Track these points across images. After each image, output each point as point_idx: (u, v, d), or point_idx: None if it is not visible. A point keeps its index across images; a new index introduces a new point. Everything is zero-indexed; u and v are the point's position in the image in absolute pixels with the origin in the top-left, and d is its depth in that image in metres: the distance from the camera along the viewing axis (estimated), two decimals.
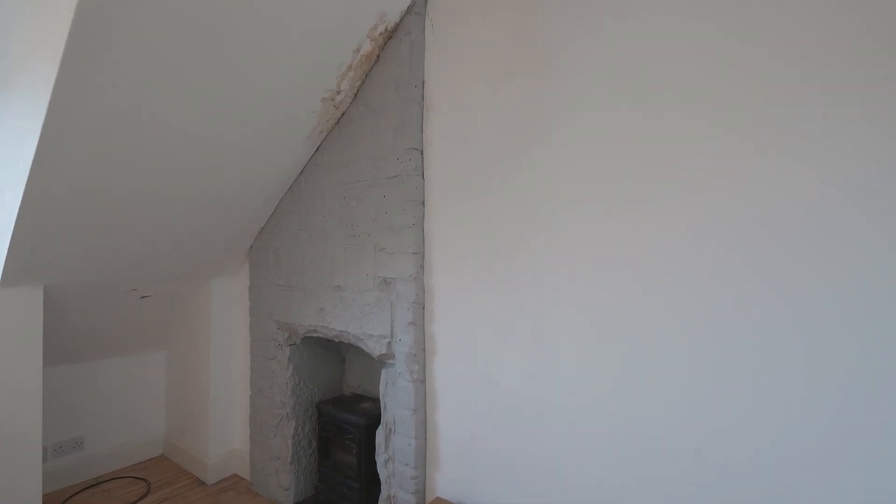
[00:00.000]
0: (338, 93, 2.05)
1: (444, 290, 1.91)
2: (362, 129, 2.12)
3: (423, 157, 1.97)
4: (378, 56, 2.02)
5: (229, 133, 1.93)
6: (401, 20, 1.95)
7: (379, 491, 2.12)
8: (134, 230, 2.13)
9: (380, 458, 2.07)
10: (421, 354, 1.96)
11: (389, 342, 2.02)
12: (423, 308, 1.97)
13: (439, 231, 1.92)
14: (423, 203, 1.97)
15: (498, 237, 1.75)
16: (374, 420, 2.21)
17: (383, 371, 2.09)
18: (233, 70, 1.71)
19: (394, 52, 1.99)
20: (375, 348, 2.07)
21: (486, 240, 1.78)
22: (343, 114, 2.18)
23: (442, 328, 1.92)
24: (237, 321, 2.84)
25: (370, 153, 2.09)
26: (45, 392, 2.62)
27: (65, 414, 2.70)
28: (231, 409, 2.86)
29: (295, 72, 1.85)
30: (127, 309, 2.56)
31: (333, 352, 2.72)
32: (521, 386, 1.69)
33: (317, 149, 2.30)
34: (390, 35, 1.97)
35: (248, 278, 2.74)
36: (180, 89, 1.66)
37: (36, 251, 1.95)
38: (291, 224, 2.47)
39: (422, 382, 1.96)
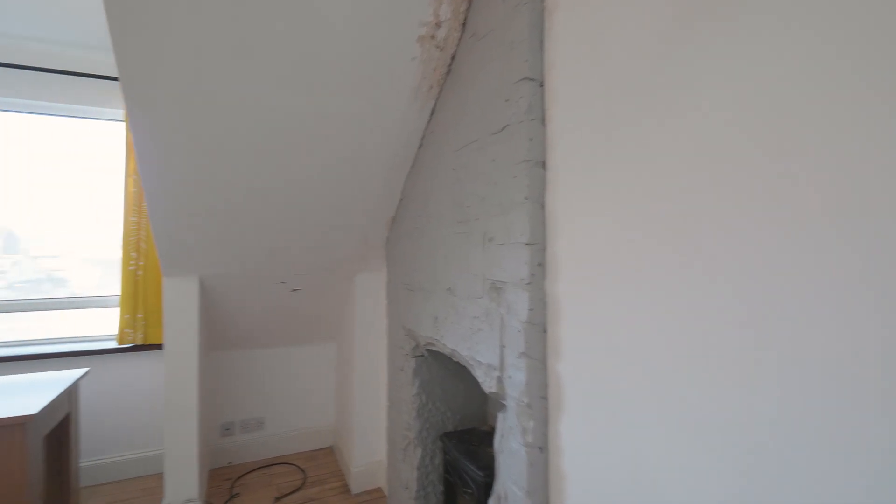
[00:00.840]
0: (437, 25, 1.50)
1: (577, 306, 1.15)
2: (471, 69, 1.51)
3: (542, 92, 1.24)
4: None
5: (321, 103, 1.60)
6: None
7: None
8: (265, 224, 2.04)
9: None
10: (539, 406, 1.24)
11: (500, 377, 1.36)
12: (544, 331, 1.24)
13: (570, 208, 1.17)
14: (544, 164, 1.24)
15: (673, 220, 0.91)
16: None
17: (499, 416, 1.44)
18: (300, 25, 1.35)
19: None
20: (486, 381, 1.44)
21: (652, 224, 0.96)
22: (453, 57, 1.61)
23: (573, 369, 1.16)
24: (380, 321, 2.59)
25: (479, 100, 1.46)
26: (230, 373, 2.88)
27: (249, 395, 2.92)
28: (378, 417, 2.63)
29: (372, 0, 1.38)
30: (281, 301, 2.58)
31: None
32: None
33: (432, 113, 1.80)
34: None
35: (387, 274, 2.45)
36: (259, 66, 1.39)
37: (185, 245, 2.02)
38: (412, 210, 2.03)
39: (540, 450, 1.24)
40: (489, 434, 1.95)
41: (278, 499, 2.47)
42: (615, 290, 1.02)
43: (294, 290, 2.53)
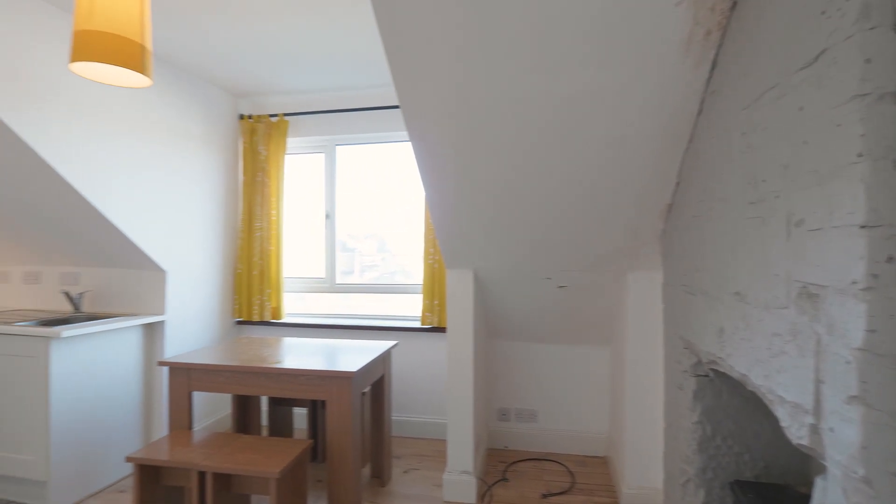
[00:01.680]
0: None
1: None
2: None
3: None
4: None
5: (571, 82, 1.47)
6: None
7: None
8: (525, 219, 2.05)
9: None
10: (889, 486, 0.77)
11: (814, 425, 0.93)
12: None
13: None
14: (894, 96, 0.76)
15: None
16: None
17: (817, 483, 0.98)
18: None
19: None
20: (791, 426, 1.01)
21: None
22: None
23: None
24: (656, 327, 2.22)
25: (776, 28, 1.04)
26: (508, 362, 3.03)
27: (524, 385, 3.02)
28: (654, 438, 2.28)
29: None
30: (549, 297, 2.54)
31: None
32: None
33: (713, 66, 1.40)
34: None
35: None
36: (505, 50, 1.41)
37: (459, 240, 2.24)
38: (691, 195, 1.64)
39: None
40: (805, 500, 1.39)
41: (546, 496, 2.45)
42: None
43: (560, 286, 2.45)
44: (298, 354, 2.32)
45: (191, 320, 3.07)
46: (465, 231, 2.18)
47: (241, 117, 3.44)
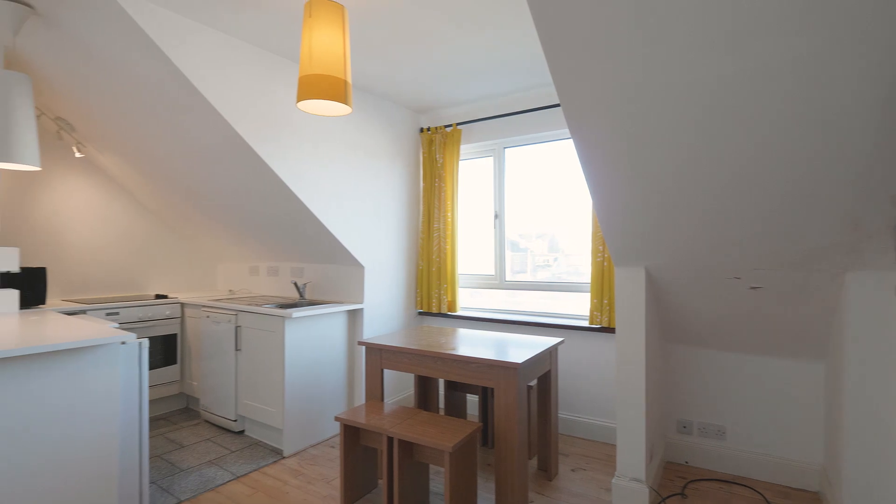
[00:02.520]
0: None
1: None
2: None
3: None
4: None
5: (754, 52, 1.32)
6: None
7: None
8: (705, 211, 1.88)
9: None
10: None
11: None
12: None
13: None
14: None
15: None
16: None
17: None
18: None
19: None
20: None
21: None
22: None
23: None
24: (889, 341, 1.79)
25: None
26: (688, 369, 2.77)
27: (709, 398, 2.72)
28: (885, 476, 1.84)
29: None
30: (739, 300, 2.24)
31: None
32: None
33: None
34: None
35: None
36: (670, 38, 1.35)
37: (628, 236, 2.16)
38: None
39: None
40: None
41: None
42: None
43: (753, 287, 2.16)
44: (470, 344, 2.52)
45: (382, 309, 3.57)
46: (633, 226, 2.08)
47: (421, 130, 3.86)
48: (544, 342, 2.59)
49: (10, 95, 2.26)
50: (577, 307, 3.34)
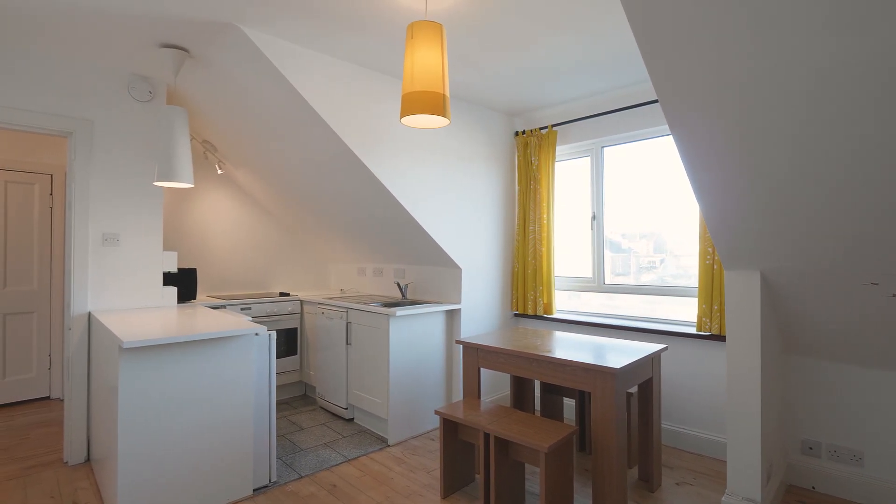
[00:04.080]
0: None
1: None
2: None
3: None
4: None
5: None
6: None
7: None
8: (833, 211, 1.70)
9: None
10: None
11: None
12: None
13: None
14: None
15: None
16: None
17: None
18: None
19: None
20: None
21: None
22: None
23: None
24: None
25: None
26: (815, 385, 2.50)
27: (842, 418, 2.42)
28: None
29: None
30: (876, 308, 1.97)
31: None
32: None
33: None
34: None
35: None
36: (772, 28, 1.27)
37: (739, 238, 2.02)
38: None
39: None
40: None
41: None
42: None
43: (895, 295, 1.90)
44: (566, 347, 2.52)
45: (479, 309, 3.67)
46: (744, 226, 1.95)
47: (516, 133, 3.90)
48: (645, 348, 2.50)
49: (173, 126, 2.74)
50: (684, 313, 3.15)
